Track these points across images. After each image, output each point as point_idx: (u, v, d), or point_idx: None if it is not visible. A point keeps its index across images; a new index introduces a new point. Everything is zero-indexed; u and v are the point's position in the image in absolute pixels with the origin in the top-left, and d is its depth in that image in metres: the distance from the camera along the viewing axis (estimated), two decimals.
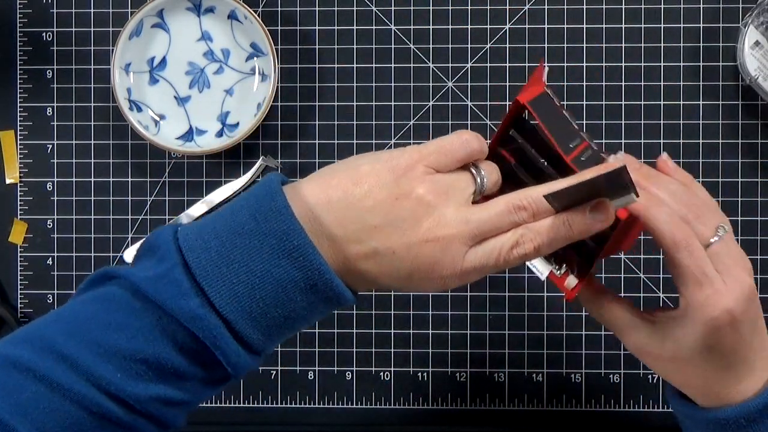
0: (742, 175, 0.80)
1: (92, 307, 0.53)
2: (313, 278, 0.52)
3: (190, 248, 0.52)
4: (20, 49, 0.83)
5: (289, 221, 0.52)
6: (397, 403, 0.81)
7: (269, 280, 0.52)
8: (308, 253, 0.52)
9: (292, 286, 0.52)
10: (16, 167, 0.83)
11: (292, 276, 0.52)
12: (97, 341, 0.51)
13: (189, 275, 0.52)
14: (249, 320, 0.52)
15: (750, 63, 0.77)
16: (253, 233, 0.52)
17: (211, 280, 0.52)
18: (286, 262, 0.52)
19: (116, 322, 0.52)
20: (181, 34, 0.80)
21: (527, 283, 0.81)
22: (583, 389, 0.81)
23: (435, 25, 0.81)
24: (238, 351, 0.52)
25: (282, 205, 0.52)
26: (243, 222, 0.52)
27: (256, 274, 0.52)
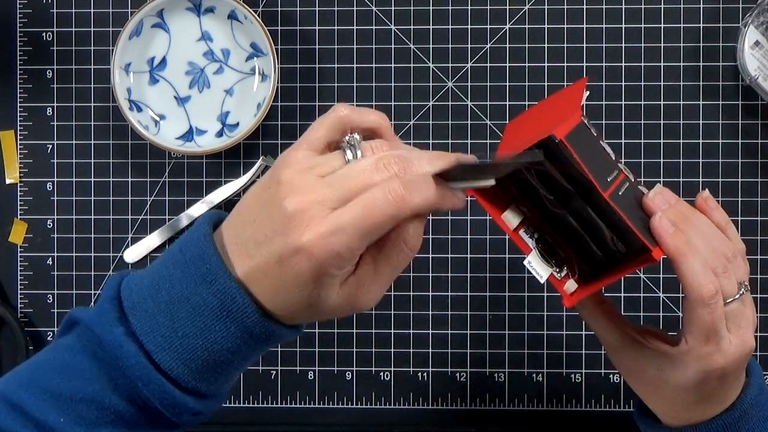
0: (742, 175, 0.80)
1: (46, 354, 0.53)
2: (226, 303, 0.50)
3: (126, 284, 0.52)
4: (20, 49, 0.83)
5: (204, 246, 0.50)
6: (397, 403, 0.81)
7: (186, 306, 0.50)
8: (219, 276, 0.50)
9: (209, 313, 0.50)
10: (16, 167, 0.83)
11: (207, 302, 0.50)
12: (43, 386, 0.51)
13: (118, 306, 0.51)
14: (169, 350, 0.50)
15: (750, 63, 0.77)
16: (178, 263, 0.51)
17: (135, 310, 0.51)
18: (202, 288, 0.50)
19: (61, 364, 0.51)
20: (181, 34, 0.80)
21: (527, 283, 0.81)
22: (583, 389, 0.81)
23: (435, 25, 0.81)
24: (163, 384, 0.50)
25: (201, 233, 0.51)
26: (172, 254, 0.52)
27: (174, 301, 0.51)
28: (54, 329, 0.82)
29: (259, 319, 0.50)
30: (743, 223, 0.80)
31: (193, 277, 0.51)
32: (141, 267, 0.82)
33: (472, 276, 0.81)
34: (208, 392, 0.53)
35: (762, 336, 0.80)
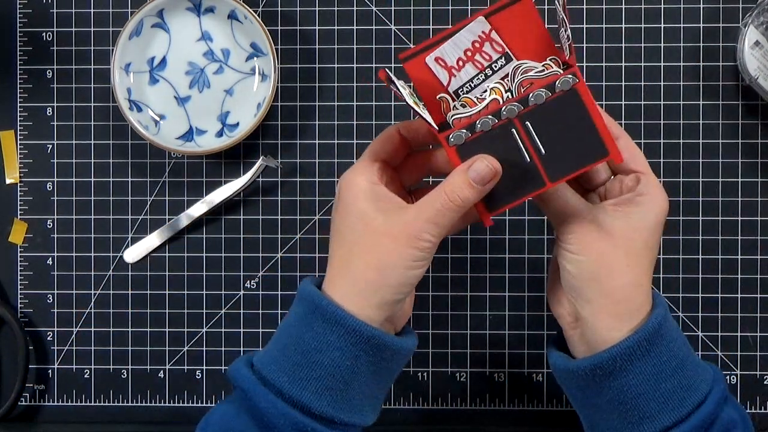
0: (742, 175, 0.80)
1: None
2: (316, 308, 0.58)
3: (256, 359, 0.61)
4: (20, 49, 0.83)
5: (304, 292, 0.60)
6: (398, 403, 0.81)
7: (292, 338, 0.59)
8: (325, 307, 0.58)
9: (323, 339, 0.58)
10: (16, 167, 0.83)
11: (303, 317, 0.59)
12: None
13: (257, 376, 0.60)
14: (296, 382, 0.58)
15: (750, 63, 0.77)
16: (297, 320, 0.60)
17: (264, 365, 0.60)
18: (306, 323, 0.59)
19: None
20: (181, 34, 0.80)
21: (527, 283, 0.81)
22: None
23: (435, 25, 0.81)
24: (293, 415, 0.57)
25: (304, 289, 0.60)
26: (291, 318, 0.61)
27: (281, 340, 0.60)
28: (54, 329, 0.83)
29: (372, 330, 0.58)
30: (743, 223, 0.80)
31: (305, 318, 0.59)
32: (141, 267, 0.82)
33: (472, 276, 0.81)
34: (340, 418, 0.58)
35: (762, 336, 0.80)
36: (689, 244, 0.80)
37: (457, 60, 0.60)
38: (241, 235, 0.82)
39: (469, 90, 0.61)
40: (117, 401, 0.82)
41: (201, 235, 0.82)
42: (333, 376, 0.57)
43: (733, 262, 0.80)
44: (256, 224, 0.82)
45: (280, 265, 0.82)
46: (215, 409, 0.61)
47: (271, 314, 0.82)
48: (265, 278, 0.82)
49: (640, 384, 0.58)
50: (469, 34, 0.59)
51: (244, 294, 0.82)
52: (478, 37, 0.59)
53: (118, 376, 0.82)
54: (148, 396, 0.82)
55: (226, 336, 0.82)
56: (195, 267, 0.82)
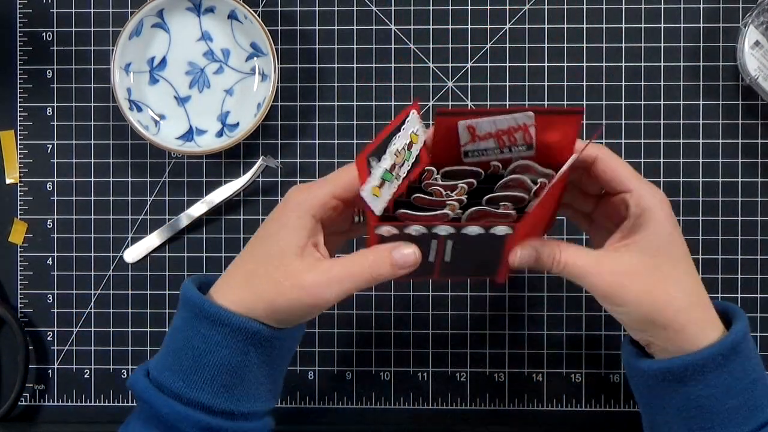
0: (742, 175, 0.80)
1: None
2: (210, 316, 0.60)
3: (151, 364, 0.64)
4: (20, 49, 0.83)
5: (189, 293, 0.61)
6: (397, 403, 0.81)
7: (176, 339, 0.61)
8: (200, 305, 0.60)
9: (194, 333, 0.60)
10: (16, 167, 0.83)
11: (187, 321, 0.61)
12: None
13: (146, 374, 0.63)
14: (183, 380, 0.60)
15: (750, 63, 0.77)
16: (184, 324, 0.62)
17: (154, 369, 0.62)
18: (193, 324, 0.60)
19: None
20: (181, 34, 0.80)
21: (527, 283, 0.81)
22: (583, 389, 0.81)
23: (435, 25, 0.81)
24: (185, 411, 0.59)
25: (183, 289, 0.62)
26: (178, 323, 0.62)
27: (170, 344, 0.62)
28: (54, 329, 0.83)
29: (256, 326, 0.59)
30: (743, 223, 0.80)
31: (186, 317, 0.61)
32: (141, 267, 0.82)
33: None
34: (233, 408, 0.60)
35: (762, 336, 0.80)
36: (689, 244, 0.79)
37: (486, 133, 0.61)
38: (241, 235, 0.82)
39: (478, 155, 0.62)
40: (117, 401, 0.82)
41: (201, 235, 0.82)
42: (226, 373, 0.59)
43: (733, 262, 0.80)
44: (256, 224, 0.82)
45: None
46: (125, 426, 0.63)
47: None
48: None
49: (708, 396, 0.59)
50: (511, 120, 0.60)
51: None
52: (517, 124, 0.60)
53: (118, 376, 0.82)
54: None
55: None
56: (195, 267, 0.82)
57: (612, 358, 0.80)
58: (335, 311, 0.81)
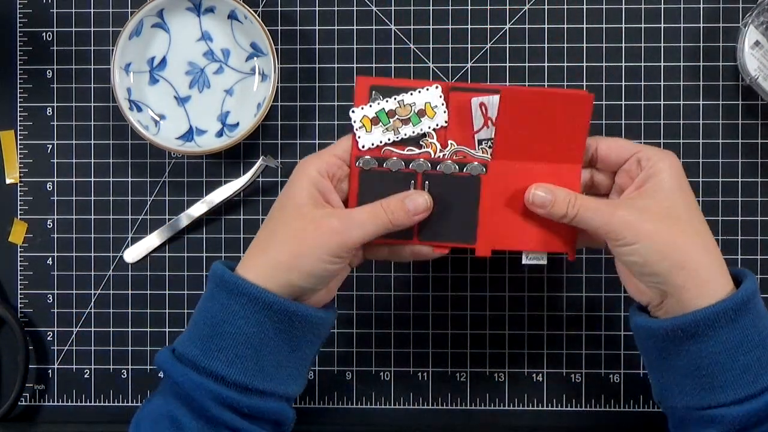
0: (742, 175, 0.80)
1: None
2: (240, 294, 0.61)
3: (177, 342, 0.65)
4: (20, 49, 0.83)
5: (213, 272, 0.63)
6: (397, 403, 0.81)
7: (201, 316, 0.62)
8: (228, 280, 0.61)
9: (229, 311, 0.61)
10: (16, 167, 0.83)
11: (226, 305, 0.61)
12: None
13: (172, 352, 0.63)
14: (206, 354, 0.61)
15: (750, 63, 0.77)
16: (204, 299, 0.64)
17: (179, 344, 0.63)
18: (219, 298, 0.62)
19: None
20: (181, 34, 0.80)
21: (527, 283, 0.81)
22: (583, 389, 0.81)
23: (435, 25, 0.81)
24: (206, 383, 0.60)
25: (211, 270, 0.64)
26: (203, 297, 0.64)
27: (195, 321, 0.63)
28: (54, 329, 0.83)
29: (273, 297, 0.60)
30: (743, 223, 0.80)
31: (211, 293, 0.62)
32: (141, 267, 0.82)
33: (472, 276, 0.81)
34: (255, 386, 0.60)
35: None
36: None
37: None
38: (241, 235, 0.82)
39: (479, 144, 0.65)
40: (117, 401, 0.82)
41: (201, 235, 0.82)
42: (242, 344, 0.60)
43: (733, 262, 0.80)
44: (256, 224, 0.82)
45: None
46: (148, 401, 0.64)
47: None
48: None
49: (719, 352, 0.59)
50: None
51: None
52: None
53: (118, 376, 0.82)
54: (148, 396, 0.82)
55: None
56: (195, 267, 0.82)
57: (612, 358, 0.80)
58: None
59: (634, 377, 0.80)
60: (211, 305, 0.61)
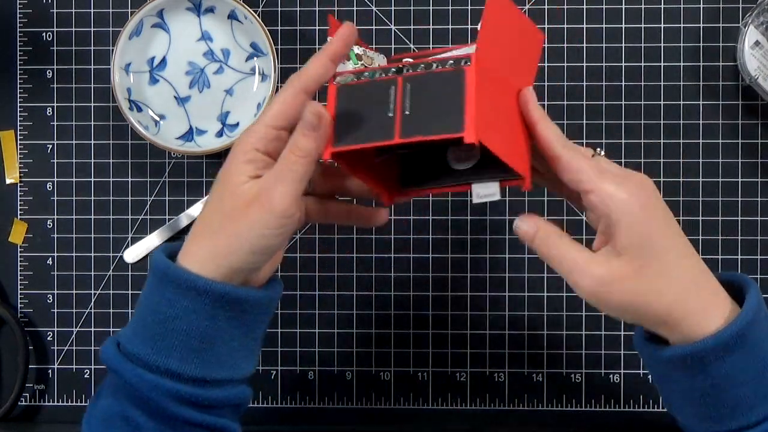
0: (742, 175, 0.80)
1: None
2: (177, 281, 0.58)
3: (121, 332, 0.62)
4: (20, 49, 0.83)
5: (152, 261, 0.59)
6: (397, 403, 0.81)
7: (144, 308, 0.60)
8: (169, 270, 0.58)
9: (165, 301, 0.58)
10: (16, 167, 0.83)
11: (165, 296, 0.58)
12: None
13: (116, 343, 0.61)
14: (154, 349, 0.58)
15: (750, 63, 0.77)
16: (150, 290, 0.60)
17: (122, 338, 0.60)
18: (161, 290, 0.59)
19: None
20: (181, 34, 0.80)
21: (527, 283, 0.81)
22: (583, 389, 0.81)
23: (435, 25, 0.81)
24: (159, 381, 0.57)
25: (151, 260, 0.61)
26: (146, 289, 0.61)
27: (147, 313, 0.59)
28: (54, 329, 0.82)
29: (221, 287, 0.57)
30: (743, 223, 0.80)
31: (153, 284, 0.59)
32: (141, 267, 0.82)
33: (471, 276, 0.81)
34: (207, 375, 0.58)
35: None
36: None
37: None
38: None
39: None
40: None
41: None
42: (196, 339, 0.58)
43: (733, 262, 0.80)
44: None
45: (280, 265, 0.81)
46: (94, 402, 0.61)
47: None
48: None
49: (713, 385, 0.57)
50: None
51: None
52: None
53: None
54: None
55: None
56: None
57: (612, 358, 0.80)
58: (335, 311, 0.81)
59: (634, 377, 0.80)
60: (158, 300, 0.58)
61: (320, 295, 0.81)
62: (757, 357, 0.57)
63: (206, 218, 0.59)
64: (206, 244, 0.58)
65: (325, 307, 0.82)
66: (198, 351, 0.58)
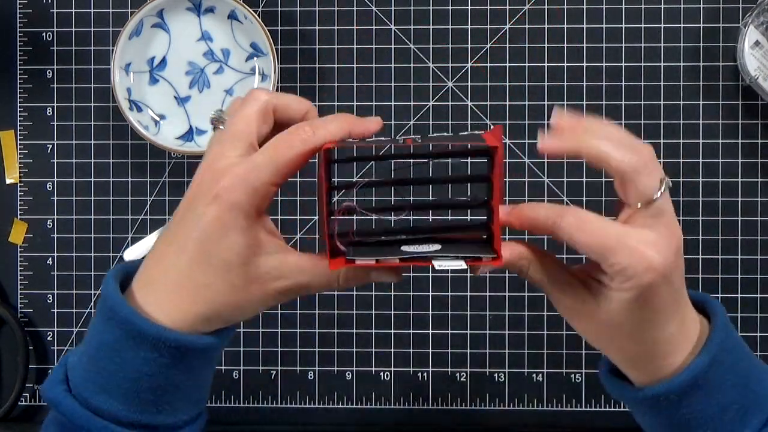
0: (742, 175, 0.80)
1: None
2: (127, 328, 0.52)
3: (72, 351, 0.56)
4: (20, 49, 0.83)
5: (104, 289, 0.54)
6: (397, 403, 0.81)
7: (104, 348, 0.53)
8: (118, 308, 0.52)
9: (119, 346, 0.52)
10: (16, 167, 0.83)
11: (116, 336, 0.52)
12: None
13: (64, 369, 0.55)
14: (101, 393, 0.53)
15: (750, 63, 0.77)
16: (96, 314, 0.55)
17: (72, 368, 0.54)
18: (109, 326, 0.53)
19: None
20: (181, 34, 0.80)
21: (527, 283, 0.81)
22: (583, 389, 0.81)
23: (435, 25, 0.81)
24: (106, 427, 0.52)
25: (104, 281, 0.54)
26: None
27: (96, 348, 0.53)
28: (54, 329, 0.82)
29: (163, 331, 0.51)
30: (743, 223, 0.80)
31: (103, 320, 0.53)
32: None
33: (471, 276, 0.81)
34: (157, 423, 0.54)
35: (762, 336, 0.80)
36: (690, 244, 0.80)
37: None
38: None
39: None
40: None
41: None
42: (171, 392, 0.53)
43: (733, 262, 0.80)
44: None
45: None
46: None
47: (272, 314, 0.82)
48: None
49: (682, 418, 0.55)
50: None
51: None
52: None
53: None
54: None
55: None
56: None
57: None
58: (335, 311, 0.81)
59: None
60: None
61: (320, 295, 0.81)
62: (721, 391, 0.55)
63: (191, 271, 0.52)
64: (190, 296, 0.52)
65: (325, 307, 0.82)
66: (171, 402, 0.54)
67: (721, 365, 0.55)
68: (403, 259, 0.53)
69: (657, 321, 0.54)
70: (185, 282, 0.52)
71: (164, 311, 0.52)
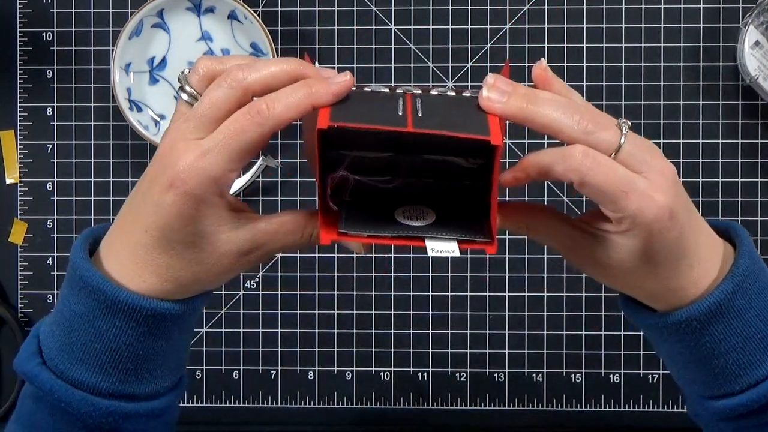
0: (742, 175, 0.80)
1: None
2: (100, 298, 0.51)
3: (43, 321, 0.56)
4: (20, 49, 0.83)
5: (73, 257, 0.53)
6: (397, 403, 0.81)
7: (77, 319, 0.52)
8: (89, 277, 0.51)
9: (93, 316, 0.51)
10: (16, 167, 0.83)
11: (88, 306, 0.52)
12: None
13: (36, 341, 0.55)
14: (77, 364, 0.52)
15: (750, 63, 0.77)
16: (65, 285, 0.54)
17: (45, 340, 0.54)
18: (80, 296, 0.52)
19: (26, 419, 0.55)
20: (181, 34, 0.81)
21: (527, 283, 0.81)
22: (583, 389, 0.81)
23: (435, 25, 0.81)
24: (85, 398, 0.51)
25: (73, 248, 0.53)
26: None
27: (68, 318, 0.53)
28: None
29: (138, 299, 0.51)
30: (743, 223, 0.80)
31: (73, 289, 0.52)
32: None
33: (472, 276, 0.81)
34: (138, 392, 0.53)
35: None
36: None
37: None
38: None
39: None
40: None
41: None
42: (150, 359, 0.53)
43: None
44: None
45: (279, 265, 0.82)
46: (17, 421, 0.55)
47: (271, 314, 0.82)
48: (265, 278, 0.82)
49: (707, 347, 0.54)
50: None
51: (244, 294, 0.82)
52: None
53: None
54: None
55: (226, 336, 0.82)
56: None
57: (612, 358, 0.80)
58: (335, 311, 0.81)
59: (634, 377, 0.80)
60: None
61: (320, 295, 0.82)
62: (738, 327, 0.54)
63: (158, 253, 0.51)
64: (163, 272, 0.51)
65: (325, 307, 0.82)
66: (152, 370, 0.53)
67: (746, 293, 0.54)
68: (395, 237, 0.51)
69: (669, 259, 0.52)
70: (149, 260, 0.51)
71: (134, 282, 0.51)
